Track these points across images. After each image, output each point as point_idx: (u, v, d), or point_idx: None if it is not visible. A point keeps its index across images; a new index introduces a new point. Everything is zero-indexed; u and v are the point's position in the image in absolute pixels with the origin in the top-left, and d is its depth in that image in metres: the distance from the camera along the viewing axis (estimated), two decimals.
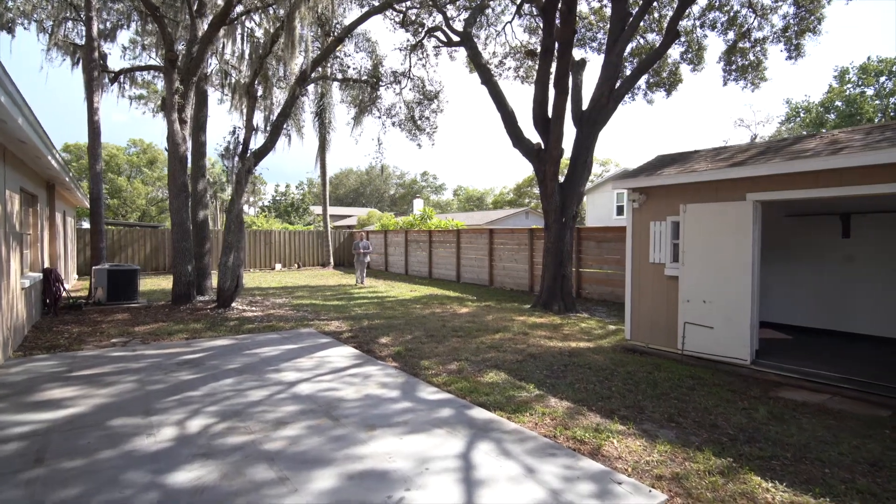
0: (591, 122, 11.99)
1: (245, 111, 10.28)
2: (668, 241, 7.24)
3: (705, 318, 6.65)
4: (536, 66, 17.50)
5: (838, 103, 36.88)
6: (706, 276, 6.64)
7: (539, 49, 14.25)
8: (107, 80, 14.39)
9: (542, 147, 11.85)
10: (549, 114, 11.43)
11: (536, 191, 58.97)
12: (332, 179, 74.48)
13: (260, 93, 10.87)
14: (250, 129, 9.97)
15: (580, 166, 12.06)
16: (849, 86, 36.51)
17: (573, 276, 12.79)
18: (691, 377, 6.07)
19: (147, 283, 16.62)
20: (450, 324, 9.43)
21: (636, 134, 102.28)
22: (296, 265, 25.04)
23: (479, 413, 4.65)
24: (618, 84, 12.17)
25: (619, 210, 35.05)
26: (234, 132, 10.36)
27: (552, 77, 11.27)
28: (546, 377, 5.99)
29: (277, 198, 60.86)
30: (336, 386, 5.45)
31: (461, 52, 24.76)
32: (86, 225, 23.67)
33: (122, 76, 14.11)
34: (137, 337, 8.04)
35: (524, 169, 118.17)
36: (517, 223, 34.40)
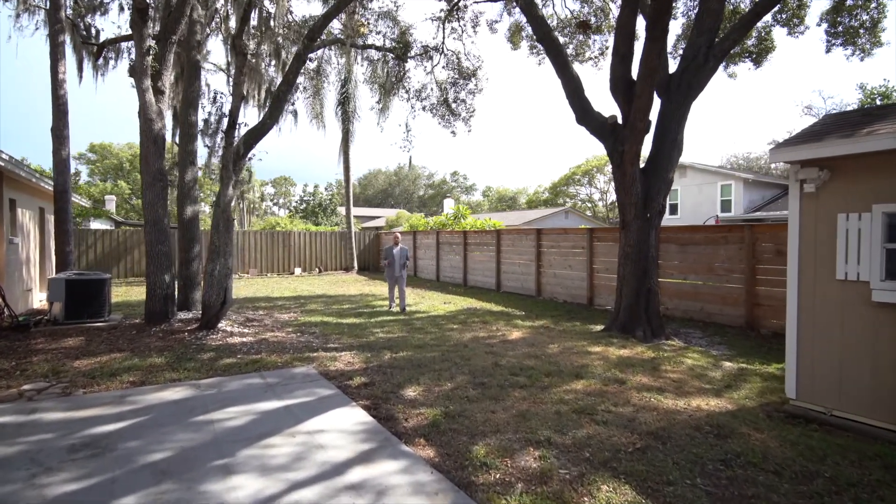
0: (684, 88, 9.11)
1: (232, 72, 7.86)
2: (878, 245, 4.40)
3: None
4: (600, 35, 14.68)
5: None
6: None
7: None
8: (91, 56, 12.32)
9: (619, 121, 9.09)
10: (634, 74, 8.66)
11: (573, 190, 55.49)
12: (361, 180, 72.76)
13: (252, 49, 8.38)
14: (239, 95, 7.49)
15: (668, 145, 9.20)
16: None
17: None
18: None
19: (145, 291, 14.49)
20: (504, 359, 6.76)
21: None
22: (317, 269, 22.81)
23: None
24: (719, 37, 9.29)
25: (673, 209, 31.57)
26: (215, 100, 7.90)
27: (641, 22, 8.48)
28: (706, 496, 3.25)
29: (306, 198, 59.33)
30: None
31: (503, 24, 22.01)
32: (93, 225, 21.99)
33: (106, 48, 12.03)
34: (64, 380, 5.67)
35: (559, 167, 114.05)
36: (556, 223, 31.41)
